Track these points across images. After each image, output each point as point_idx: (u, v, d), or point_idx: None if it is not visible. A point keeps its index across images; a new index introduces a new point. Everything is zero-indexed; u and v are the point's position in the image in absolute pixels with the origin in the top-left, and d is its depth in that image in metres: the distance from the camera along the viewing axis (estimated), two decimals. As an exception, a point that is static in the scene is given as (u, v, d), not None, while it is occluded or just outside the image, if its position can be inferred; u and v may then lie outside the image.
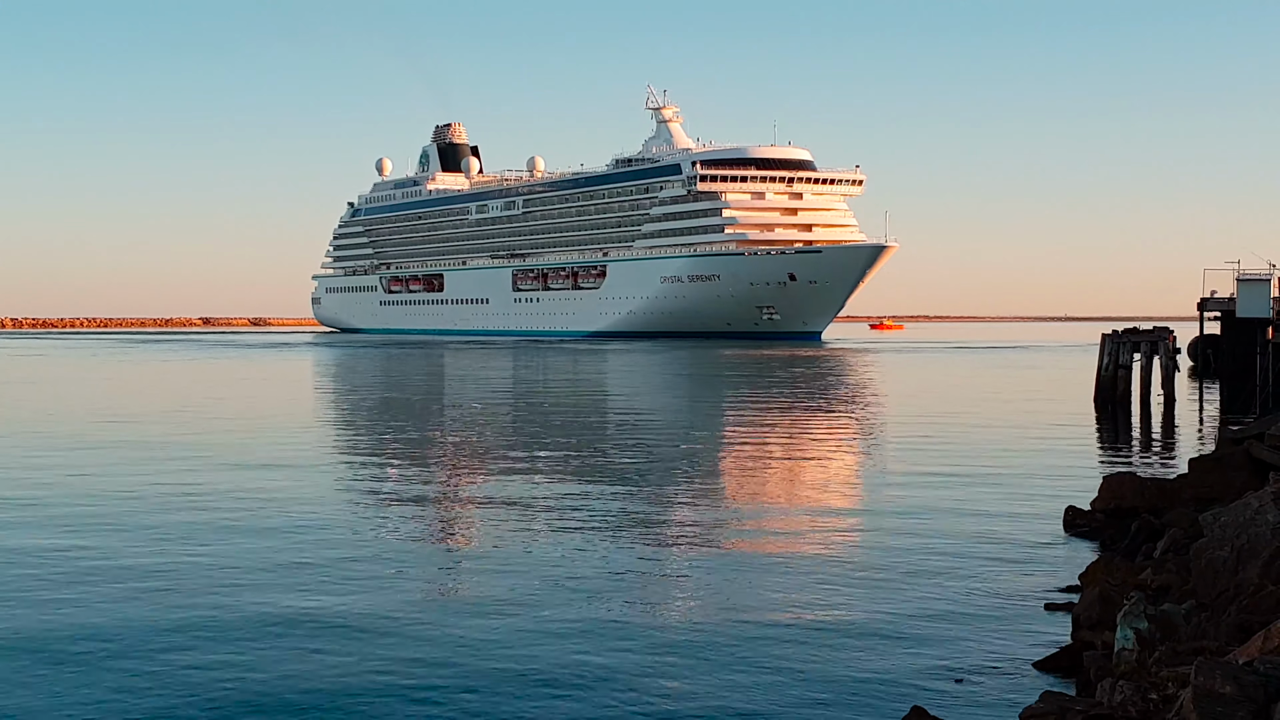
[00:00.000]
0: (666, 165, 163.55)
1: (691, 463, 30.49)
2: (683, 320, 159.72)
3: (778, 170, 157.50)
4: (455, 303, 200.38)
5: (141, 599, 16.04)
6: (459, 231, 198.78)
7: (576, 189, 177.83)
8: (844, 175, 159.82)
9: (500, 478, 27.75)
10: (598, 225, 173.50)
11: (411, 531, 21.21)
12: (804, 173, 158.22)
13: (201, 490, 25.66)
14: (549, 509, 23.23)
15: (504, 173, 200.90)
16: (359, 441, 37.18)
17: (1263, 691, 8.75)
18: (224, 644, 13.99)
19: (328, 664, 13.29)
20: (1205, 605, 12.61)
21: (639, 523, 21.76)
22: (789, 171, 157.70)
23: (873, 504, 24.55)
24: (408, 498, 25.04)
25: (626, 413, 47.30)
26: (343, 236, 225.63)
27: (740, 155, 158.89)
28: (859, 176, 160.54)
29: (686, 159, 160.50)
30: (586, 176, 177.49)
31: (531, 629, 14.64)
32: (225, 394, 60.04)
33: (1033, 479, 27.74)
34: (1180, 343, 51.13)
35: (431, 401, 54.14)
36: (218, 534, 20.64)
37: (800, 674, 12.94)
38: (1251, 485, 19.32)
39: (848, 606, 15.70)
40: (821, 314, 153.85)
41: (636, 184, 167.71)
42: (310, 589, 16.62)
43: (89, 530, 21.03)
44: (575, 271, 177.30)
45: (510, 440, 36.24)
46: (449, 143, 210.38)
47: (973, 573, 17.63)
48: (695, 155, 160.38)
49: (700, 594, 16.58)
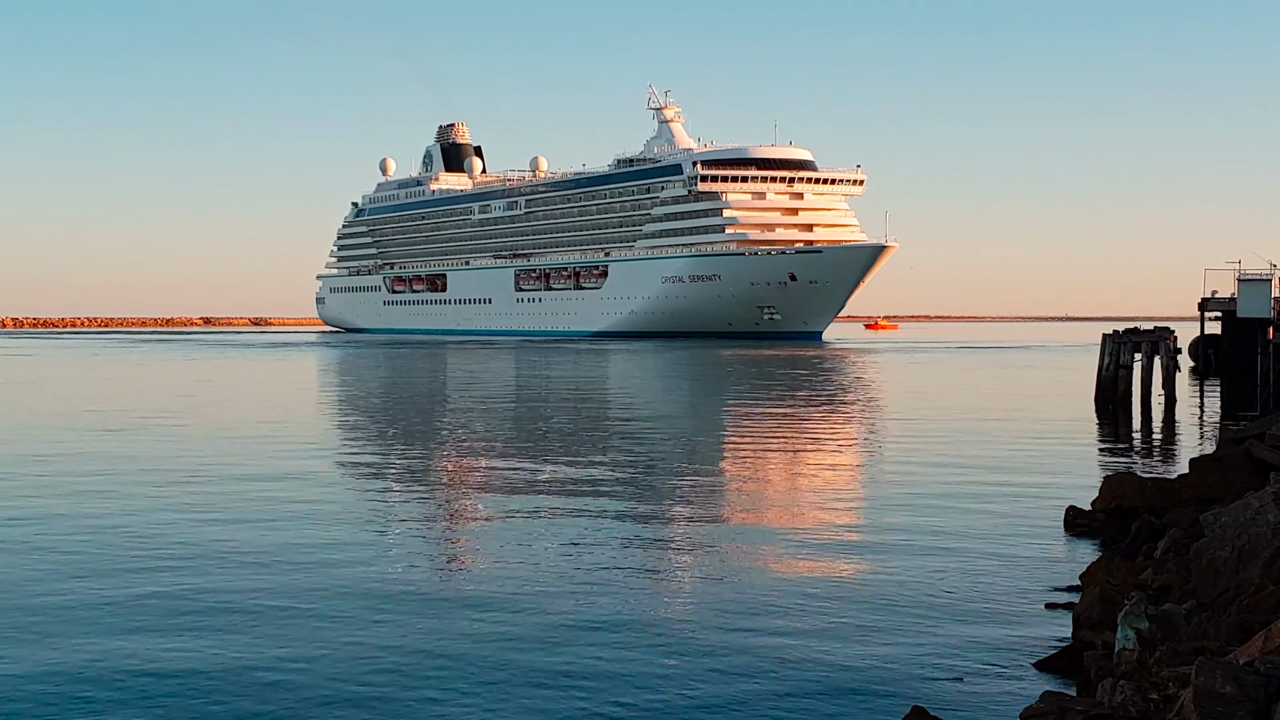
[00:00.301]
0: (668, 165, 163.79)
1: (692, 465, 30.48)
2: (684, 320, 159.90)
3: (778, 170, 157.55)
4: (458, 303, 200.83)
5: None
6: (462, 231, 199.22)
7: (578, 189, 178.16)
8: (845, 175, 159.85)
9: (505, 484, 27.75)
10: (599, 225, 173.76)
11: (415, 524, 21.23)
12: (805, 173, 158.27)
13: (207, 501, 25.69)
14: (552, 510, 23.24)
15: (506, 173, 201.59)
16: (372, 446, 37.17)
17: (1263, 691, 8.75)
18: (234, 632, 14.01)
19: (328, 664, 13.29)
20: (1206, 605, 12.61)
21: (639, 523, 21.75)
22: (790, 171, 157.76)
23: (873, 504, 24.53)
24: (412, 496, 25.08)
25: (629, 416, 47.27)
26: (347, 236, 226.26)
27: (741, 155, 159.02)
28: (860, 176, 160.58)
29: (688, 159, 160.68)
30: (589, 177, 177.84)
31: (531, 628, 14.64)
32: (232, 394, 60.06)
33: (1033, 479, 27.73)
34: (1181, 343, 51.12)
35: (436, 403, 54.16)
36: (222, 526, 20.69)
37: (801, 674, 12.94)
38: (1252, 485, 19.32)
39: (848, 606, 15.69)
40: (822, 314, 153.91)
41: (638, 184, 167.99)
42: (314, 581, 16.64)
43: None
44: (577, 272, 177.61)
45: (516, 446, 36.23)
46: (452, 143, 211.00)
47: (973, 572, 17.62)
48: (696, 155, 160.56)
49: (700, 593, 16.56)
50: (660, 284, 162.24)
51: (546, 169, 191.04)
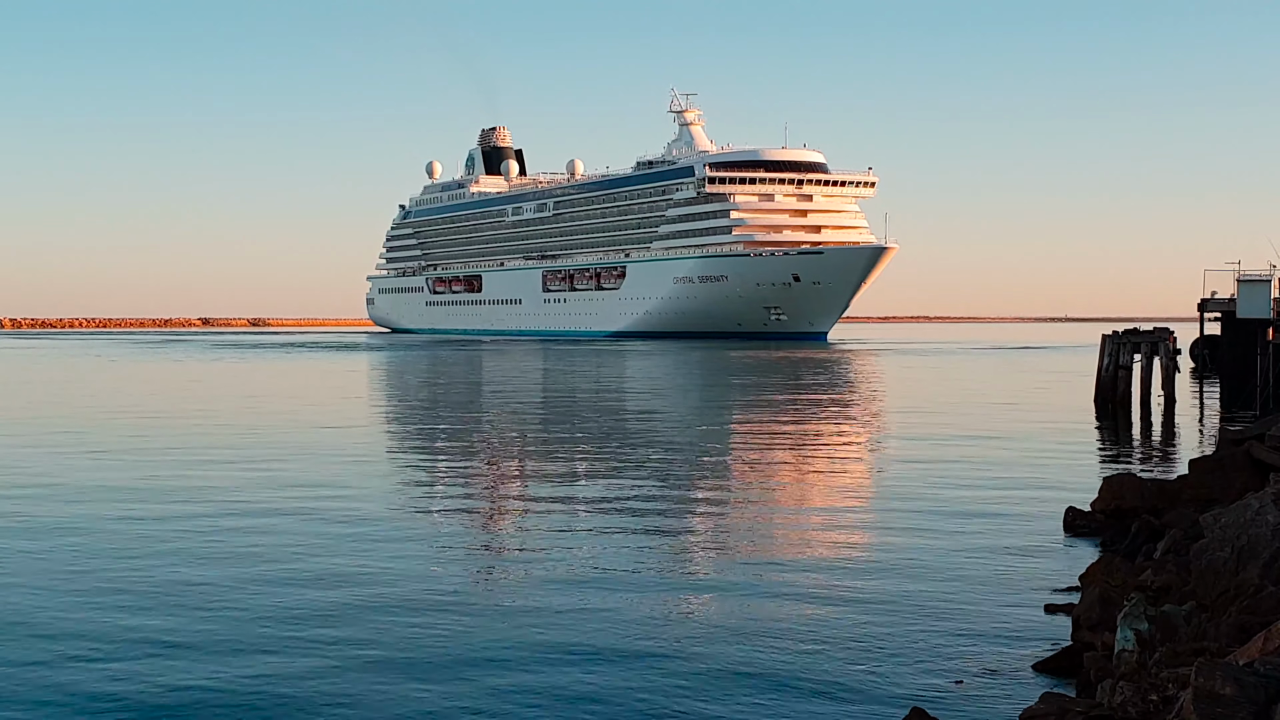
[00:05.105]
0: (681, 168, 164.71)
1: (701, 465, 30.46)
2: (695, 320, 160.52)
3: (787, 172, 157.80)
4: (492, 303, 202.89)
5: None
6: (497, 233, 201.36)
7: (601, 191, 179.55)
8: (855, 177, 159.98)
9: (533, 485, 27.77)
10: (619, 227, 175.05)
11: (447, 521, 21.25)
12: (815, 174, 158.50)
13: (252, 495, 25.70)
14: (566, 508, 23.26)
15: (539, 175, 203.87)
16: (423, 442, 37.20)
17: (1263, 692, 8.73)
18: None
19: (330, 660, 13.28)
20: (1205, 606, 12.59)
21: (640, 522, 21.74)
22: (799, 174, 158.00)
23: (873, 504, 24.53)
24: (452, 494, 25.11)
25: (645, 415, 47.28)
26: (394, 238, 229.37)
27: (752, 157, 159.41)
28: (871, 178, 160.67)
29: (700, 161, 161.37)
30: (611, 179, 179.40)
31: (529, 629, 14.63)
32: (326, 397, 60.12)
33: (1033, 479, 27.72)
34: (1181, 343, 51.08)
35: (485, 401, 54.19)
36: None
37: (800, 674, 12.92)
38: (1252, 486, 19.31)
39: (848, 606, 15.68)
40: (827, 314, 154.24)
41: (655, 186, 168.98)
42: (336, 570, 16.63)
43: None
44: (598, 272, 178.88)
45: (545, 449, 36.25)
46: (493, 146, 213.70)
47: (973, 573, 17.61)
48: (708, 158, 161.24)
49: (699, 593, 16.55)
50: (672, 285, 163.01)
51: (583, 171, 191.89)
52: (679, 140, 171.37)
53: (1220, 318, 57.62)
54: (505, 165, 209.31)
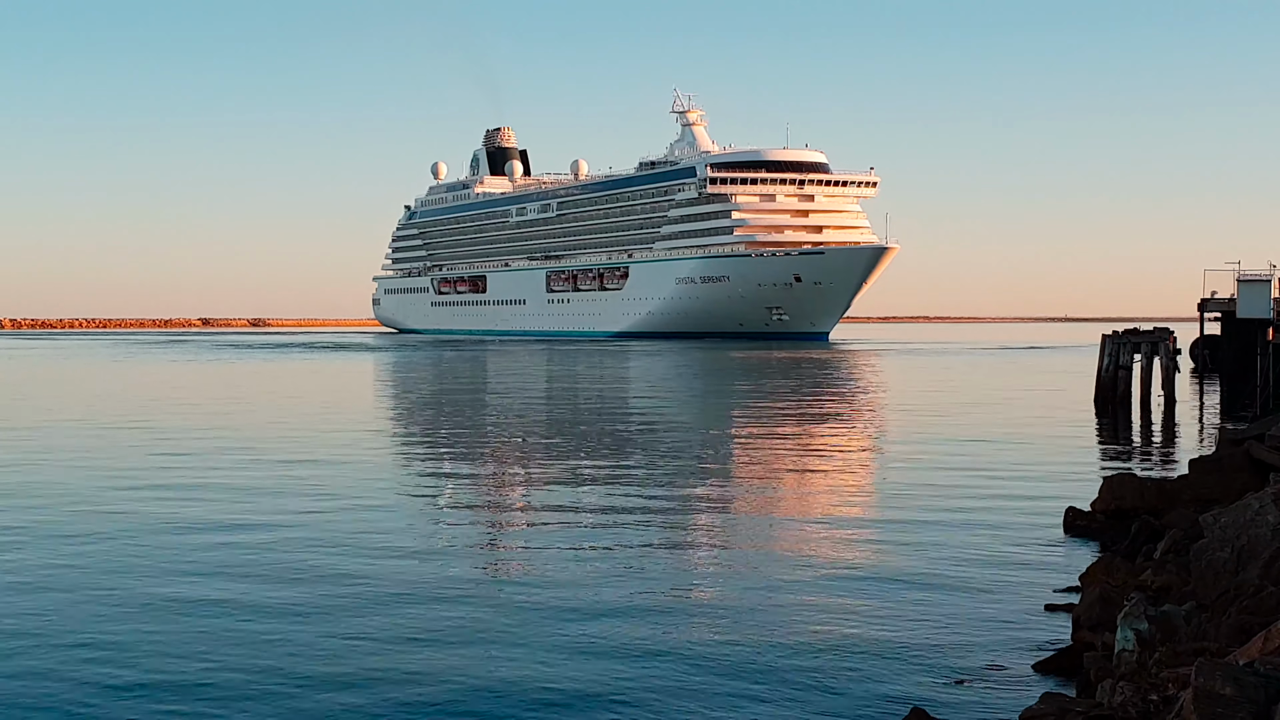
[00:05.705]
0: (683, 168, 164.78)
1: (703, 466, 30.47)
2: (697, 321, 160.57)
3: (789, 173, 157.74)
4: (497, 304, 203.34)
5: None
6: (501, 234, 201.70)
7: (604, 191, 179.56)
8: (857, 177, 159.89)
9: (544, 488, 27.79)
10: (623, 227, 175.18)
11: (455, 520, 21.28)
12: (816, 175, 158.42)
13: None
14: (567, 508, 23.29)
15: (543, 175, 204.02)
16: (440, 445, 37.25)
17: (1263, 692, 8.75)
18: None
19: (331, 660, 13.31)
20: (1205, 606, 12.60)
21: (639, 521, 21.75)
22: (800, 174, 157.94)
23: (874, 505, 24.54)
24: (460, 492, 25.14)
25: (647, 416, 47.30)
26: (400, 239, 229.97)
27: (754, 158, 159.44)
28: (873, 179, 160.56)
29: (701, 162, 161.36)
30: (614, 179, 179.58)
31: (530, 628, 14.65)
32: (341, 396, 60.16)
33: (1033, 480, 27.73)
34: (1181, 343, 51.08)
35: (492, 400, 54.19)
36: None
37: (801, 675, 12.93)
38: (1252, 486, 19.32)
39: (848, 607, 15.69)
40: (828, 315, 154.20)
41: (657, 186, 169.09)
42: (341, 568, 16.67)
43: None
44: (601, 273, 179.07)
45: (551, 453, 36.29)
46: (498, 146, 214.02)
47: (973, 573, 17.62)
48: (710, 158, 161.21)
49: (700, 594, 16.57)
50: (674, 285, 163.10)
51: (587, 172, 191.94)
52: (681, 140, 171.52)
53: (1220, 318, 57.67)
54: (510, 166, 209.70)
